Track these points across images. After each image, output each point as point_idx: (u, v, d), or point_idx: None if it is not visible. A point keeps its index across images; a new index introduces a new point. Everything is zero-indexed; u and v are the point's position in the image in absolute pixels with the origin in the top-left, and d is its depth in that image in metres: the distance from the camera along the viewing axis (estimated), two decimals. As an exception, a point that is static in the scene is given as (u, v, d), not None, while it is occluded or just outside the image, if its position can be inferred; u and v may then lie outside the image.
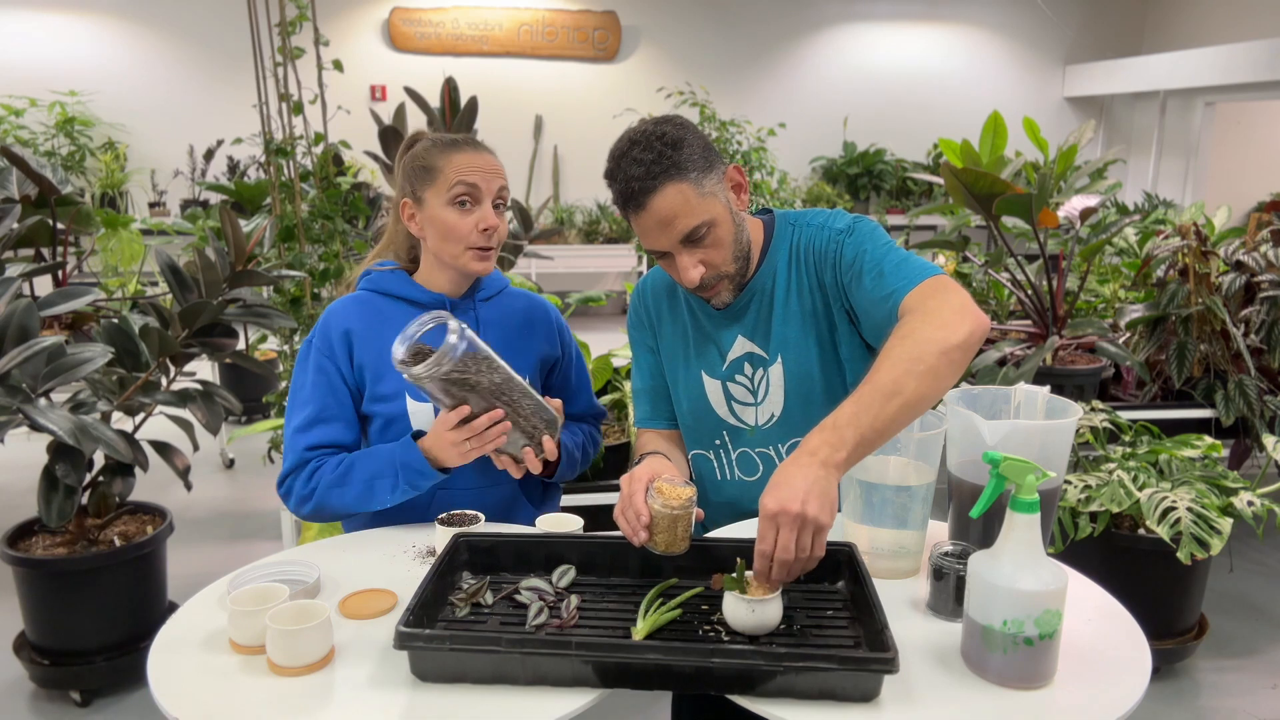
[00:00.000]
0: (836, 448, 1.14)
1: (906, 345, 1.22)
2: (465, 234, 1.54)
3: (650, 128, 1.41)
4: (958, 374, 1.23)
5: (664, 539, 1.27)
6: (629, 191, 1.39)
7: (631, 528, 1.28)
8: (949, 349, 1.21)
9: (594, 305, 3.36)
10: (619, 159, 1.40)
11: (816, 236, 1.51)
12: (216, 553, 3.41)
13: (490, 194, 1.55)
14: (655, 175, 1.37)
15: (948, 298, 1.28)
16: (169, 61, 6.88)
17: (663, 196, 1.38)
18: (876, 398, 1.17)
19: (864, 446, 1.16)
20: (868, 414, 1.16)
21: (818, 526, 1.11)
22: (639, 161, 1.37)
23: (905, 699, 1.04)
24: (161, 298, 3.54)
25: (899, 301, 1.32)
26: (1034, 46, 8.13)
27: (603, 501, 2.52)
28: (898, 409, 1.17)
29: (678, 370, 1.63)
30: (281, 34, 2.91)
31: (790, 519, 1.10)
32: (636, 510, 1.28)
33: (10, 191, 3.10)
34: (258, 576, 1.32)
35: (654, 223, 1.40)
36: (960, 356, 1.22)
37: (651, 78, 7.50)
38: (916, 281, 1.33)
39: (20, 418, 2.12)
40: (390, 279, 1.64)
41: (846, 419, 1.16)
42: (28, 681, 2.54)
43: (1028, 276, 3.30)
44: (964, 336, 1.22)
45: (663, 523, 1.26)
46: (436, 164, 1.55)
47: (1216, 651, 2.76)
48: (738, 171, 1.47)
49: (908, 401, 1.18)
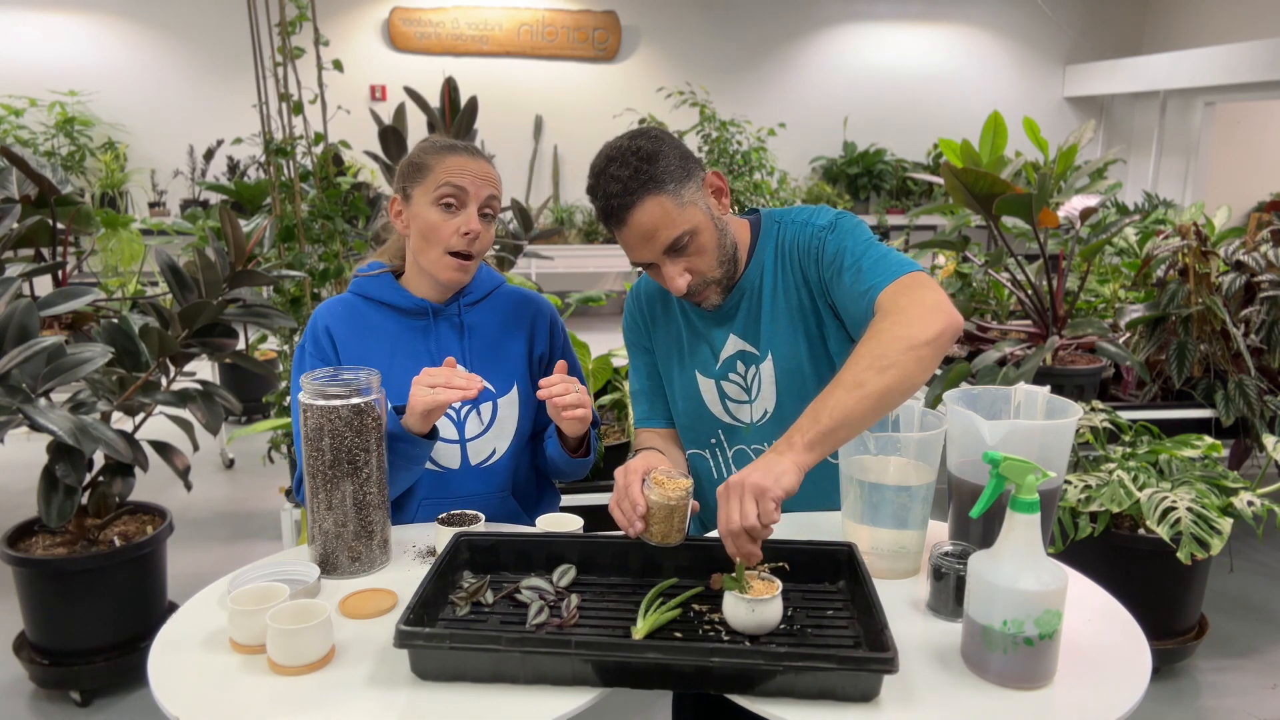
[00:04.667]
0: (792, 438, 1.22)
1: (872, 345, 1.27)
2: (445, 237, 1.53)
3: (625, 143, 1.42)
4: (928, 370, 1.26)
5: (659, 529, 1.28)
6: (609, 208, 1.41)
7: (627, 518, 1.29)
8: (916, 345, 1.25)
9: (594, 305, 3.36)
10: (598, 176, 1.42)
11: (800, 233, 1.53)
12: (216, 553, 3.41)
13: (477, 200, 1.54)
14: (633, 190, 1.38)
15: (921, 295, 1.31)
16: (169, 61, 6.88)
17: (642, 210, 1.39)
18: (836, 391, 1.24)
19: (825, 435, 1.22)
20: (826, 406, 1.23)
21: (761, 491, 1.17)
22: (616, 178, 1.39)
23: (905, 699, 1.04)
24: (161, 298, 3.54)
25: (875, 298, 1.35)
26: (1034, 46, 8.13)
27: (602, 501, 2.52)
28: (858, 400, 1.22)
29: (672, 371, 1.64)
30: (281, 34, 2.91)
31: (735, 488, 1.18)
32: (633, 500, 1.29)
33: (10, 191, 3.10)
34: (258, 576, 1.32)
35: (636, 237, 1.42)
36: (930, 353, 1.26)
37: (651, 78, 7.50)
38: (892, 278, 1.36)
39: (20, 418, 2.12)
40: (374, 283, 1.63)
41: (807, 414, 1.24)
42: (28, 681, 2.54)
43: (1028, 276, 3.30)
44: (934, 334, 1.26)
45: (659, 513, 1.27)
46: (428, 163, 1.54)
47: (1216, 651, 2.76)
48: (717, 176, 1.49)
49: (869, 394, 1.22)
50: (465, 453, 1.61)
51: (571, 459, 1.61)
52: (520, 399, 1.65)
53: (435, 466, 1.61)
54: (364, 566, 1.37)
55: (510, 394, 1.64)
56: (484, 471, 1.62)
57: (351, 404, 1.32)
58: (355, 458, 1.34)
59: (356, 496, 1.35)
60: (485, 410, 1.62)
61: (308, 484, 1.36)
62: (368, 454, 1.35)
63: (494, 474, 1.63)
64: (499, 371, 1.63)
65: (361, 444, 1.34)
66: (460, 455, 1.61)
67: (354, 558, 1.36)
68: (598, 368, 2.86)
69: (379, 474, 1.37)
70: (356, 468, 1.34)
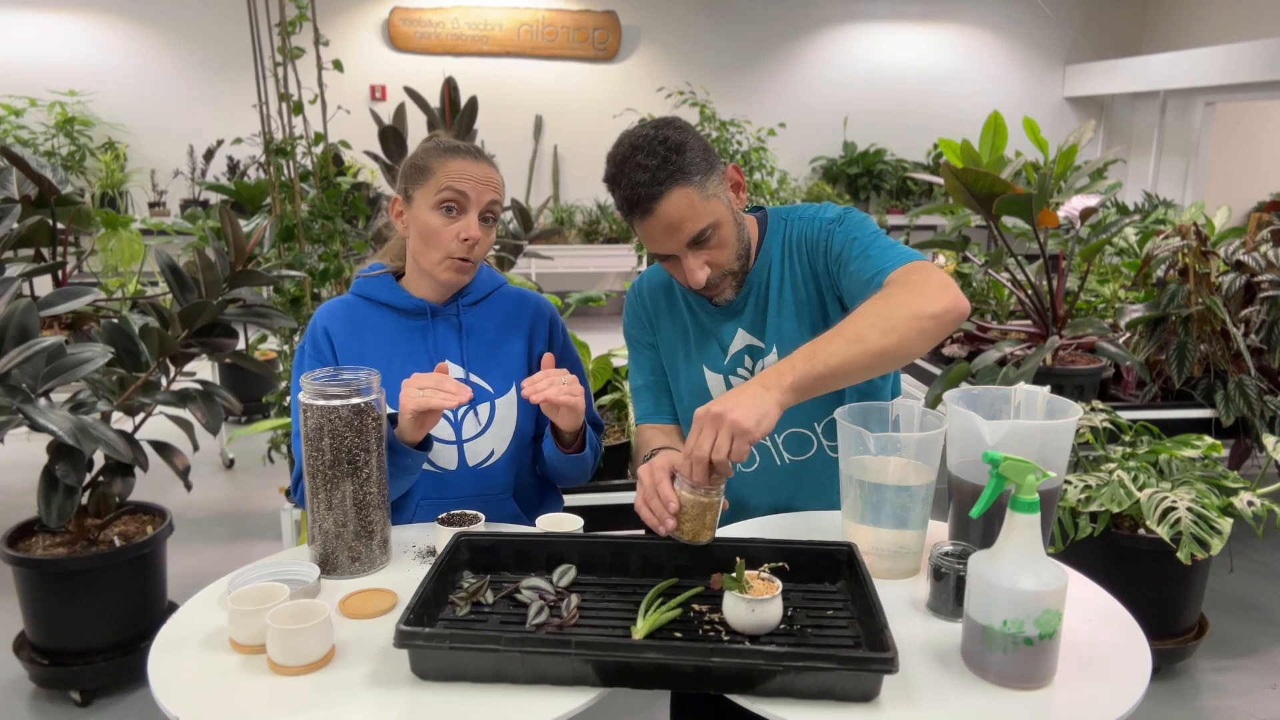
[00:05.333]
0: (783, 374, 1.22)
1: (880, 305, 1.27)
2: (445, 241, 1.53)
3: (652, 132, 1.40)
4: (928, 343, 1.26)
5: (691, 527, 1.27)
6: (635, 198, 1.39)
7: (658, 516, 1.28)
8: (920, 315, 1.25)
9: (594, 305, 3.36)
10: (621, 164, 1.40)
11: (808, 228, 1.53)
12: (216, 553, 3.41)
13: (478, 205, 1.53)
14: (661, 180, 1.37)
15: (931, 275, 1.32)
16: (169, 61, 6.88)
17: (669, 201, 1.38)
18: (836, 340, 1.24)
19: (815, 380, 1.22)
20: (823, 352, 1.22)
21: (738, 430, 1.17)
22: (643, 167, 1.37)
23: (905, 699, 1.04)
24: (161, 298, 3.54)
25: (882, 281, 1.35)
26: (1034, 46, 8.13)
27: (603, 502, 2.52)
28: (855, 354, 1.22)
29: (678, 366, 1.63)
30: (281, 34, 2.91)
31: (710, 419, 1.18)
32: (664, 498, 1.28)
33: (10, 191, 3.10)
34: (258, 576, 1.32)
35: (661, 228, 1.40)
36: (933, 326, 1.26)
37: (651, 78, 7.50)
38: (901, 263, 1.36)
39: (20, 418, 2.12)
40: (374, 284, 1.63)
41: (801, 354, 1.23)
42: (28, 681, 2.54)
43: (1028, 276, 3.30)
44: (940, 309, 1.26)
45: (692, 510, 1.26)
46: (430, 165, 1.54)
47: (1216, 651, 2.76)
48: (736, 171, 1.48)
49: (868, 350, 1.22)
50: (462, 454, 1.61)
51: (565, 455, 1.59)
52: (519, 399, 1.64)
53: (432, 468, 1.60)
54: (364, 566, 1.37)
55: (509, 394, 1.63)
56: (482, 473, 1.62)
57: (351, 404, 1.32)
58: (355, 458, 1.34)
59: (356, 496, 1.35)
60: (483, 411, 1.61)
61: (308, 484, 1.36)
62: (368, 454, 1.35)
63: (492, 475, 1.62)
64: (497, 372, 1.63)
65: (361, 444, 1.34)
66: (457, 456, 1.61)
67: (354, 558, 1.36)
68: (598, 367, 2.85)
69: (379, 474, 1.37)
70: (356, 468, 1.34)
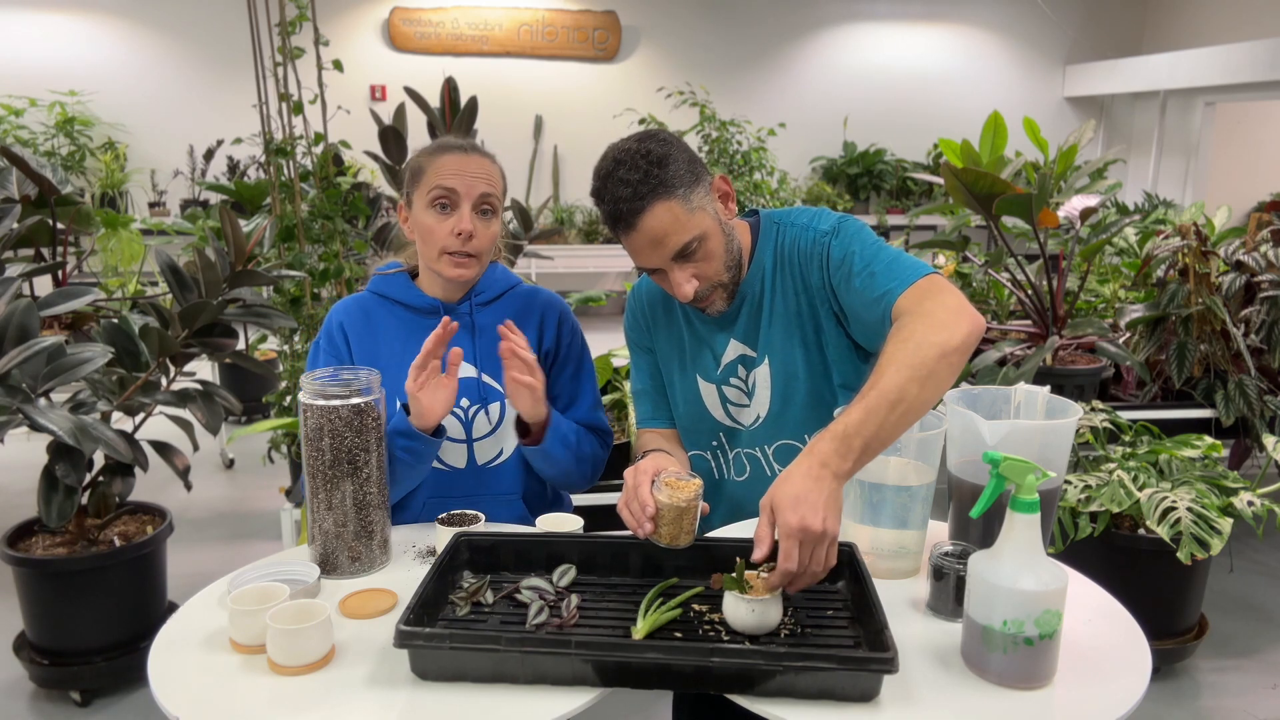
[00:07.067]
0: (844, 457, 1.16)
1: (908, 350, 1.22)
2: (441, 238, 1.53)
3: (634, 145, 1.39)
4: (956, 376, 1.24)
5: (668, 531, 1.27)
6: (618, 213, 1.38)
7: (636, 520, 1.29)
8: (948, 352, 1.22)
9: (594, 305, 3.36)
10: (605, 179, 1.39)
11: (801, 237, 1.50)
12: (216, 553, 3.41)
13: (470, 199, 1.53)
14: (643, 195, 1.36)
15: (944, 299, 1.28)
16: (169, 61, 6.88)
17: (652, 216, 1.37)
18: (882, 405, 1.18)
19: (868, 454, 1.19)
20: (873, 421, 1.17)
21: (832, 540, 1.15)
22: (625, 182, 1.36)
23: (905, 699, 1.04)
24: (161, 298, 3.54)
25: (892, 303, 1.32)
26: (1034, 46, 8.13)
27: (603, 502, 2.52)
28: (900, 416, 1.19)
29: (674, 375, 1.64)
30: (281, 34, 2.91)
31: (813, 538, 1.13)
32: (642, 502, 1.28)
33: (10, 191, 3.10)
34: (258, 576, 1.32)
35: (645, 242, 1.39)
36: (958, 360, 1.23)
37: (651, 78, 7.50)
38: (909, 282, 1.32)
39: (20, 418, 2.12)
40: (390, 282, 1.65)
41: (855, 427, 1.17)
42: (28, 681, 2.54)
43: (1028, 276, 3.30)
44: (962, 339, 1.23)
45: (668, 515, 1.27)
46: (422, 165, 1.55)
47: (1216, 651, 2.76)
48: (724, 181, 1.47)
49: (911, 408, 1.19)
50: (471, 452, 1.61)
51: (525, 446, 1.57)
52: None
53: (441, 465, 1.61)
54: (364, 566, 1.37)
55: None
56: (490, 472, 1.62)
57: (351, 404, 1.32)
58: (355, 458, 1.34)
59: (356, 496, 1.35)
60: (494, 410, 1.62)
61: (308, 484, 1.36)
62: (368, 454, 1.35)
63: (501, 475, 1.63)
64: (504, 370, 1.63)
65: (361, 444, 1.34)
66: (466, 454, 1.61)
67: (354, 558, 1.36)
68: (598, 367, 2.85)
69: (379, 474, 1.37)
70: (356, 468, 1.34)
